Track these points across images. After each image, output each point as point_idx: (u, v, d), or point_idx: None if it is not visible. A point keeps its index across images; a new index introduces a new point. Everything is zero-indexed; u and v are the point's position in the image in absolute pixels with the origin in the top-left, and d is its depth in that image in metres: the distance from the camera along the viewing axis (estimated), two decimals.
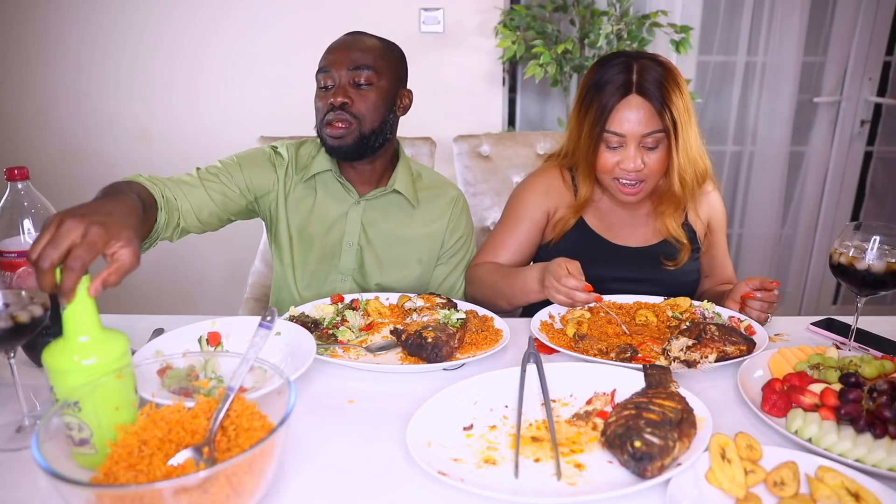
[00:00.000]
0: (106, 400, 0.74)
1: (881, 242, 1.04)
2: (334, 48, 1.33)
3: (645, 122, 1.29)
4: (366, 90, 1.30)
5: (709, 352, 1.06)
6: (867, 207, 3.15)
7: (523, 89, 2.90)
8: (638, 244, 1.47)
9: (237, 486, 0.66)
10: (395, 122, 1.40)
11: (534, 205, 1.48)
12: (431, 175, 1.55)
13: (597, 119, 1.32)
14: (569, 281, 1.17)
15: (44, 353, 0.74)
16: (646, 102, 1.29)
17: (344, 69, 1.29)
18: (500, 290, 1.37)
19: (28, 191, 1.04)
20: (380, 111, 1.32)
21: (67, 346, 0.73)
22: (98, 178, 2.85)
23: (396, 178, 1.43)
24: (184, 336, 1.11)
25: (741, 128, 2.96)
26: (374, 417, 0.94)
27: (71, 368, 0.73)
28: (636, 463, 0.76)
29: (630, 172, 1.33)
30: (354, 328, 1.21)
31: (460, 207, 1.52)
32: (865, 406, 0.87)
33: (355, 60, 1.29)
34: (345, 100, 1.28)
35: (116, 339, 0.77)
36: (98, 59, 2.70)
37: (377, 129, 1.33)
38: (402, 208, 1.46)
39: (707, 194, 1.51)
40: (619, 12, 2.46)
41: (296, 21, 2.65)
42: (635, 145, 1.31)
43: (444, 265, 1.52)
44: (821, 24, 2.84)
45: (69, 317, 0.72)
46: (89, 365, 0.73)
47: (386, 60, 1.33)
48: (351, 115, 1.29)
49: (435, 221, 1.48)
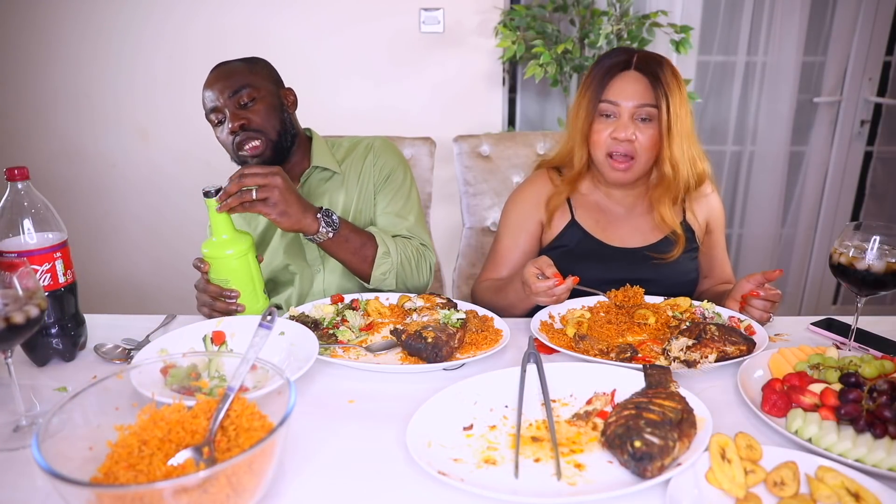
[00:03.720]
0: (239, 272, 1.22)
1: (881, 242, 1.04)
2: (209, 86, 1.39)
3: (640, 94, 1.35)
4: (253, 106, 1.38)
5: (709, 352, 1.06)
6: (867, 207, 3.15)
7: (523, 89, 2.90)
8: (634, 245, 1.47)
9: (237, 486, 0.66)
10: (293, 120, 1.48)
11: (527, 216, 1.51)
12: (349, 140, 1.60)
13: (594, 92, 1.38)
14: (539, 285, 1.21)
15: (203, 246, 1.21)
16: (642, 77, 1.35)
17: (226, 98, 1.36)
18: (501, 304, 1.39)
19: (28, 191, 1.04)
20: (274, 116, 1.40)
21: (217, 241, 1.21)
22: (98, 177, 2.87)
23: (314, 156, 1.50)
24: (189, 335, 1.12)
25: (741, 128, 2.97)
26: (374, 417, 0.94)
27: (220, 255, 1.21)
28: (636, 463, 0.76)
29: (622, 143, 1.36)
30: (354, 328, 1.21)
31: (378, 146, 1.56)
32: (865, 406, 0.87)
33: (231, 86, 1.36)
34: (241, 122, 1.36)
35: (245, 237, 1.23)
36: (98, 59, 2.70)
37: (281, 131, 1.42)
38: (333, 180, 1.52)
39: (706, 195, 1.51)
40: (619, 12, 2.46)
41: (296, 21, 2.65)
42: (629, 116, 1.36)
43: (376, 205, 1.53)
44: (821, 24, 2.84)
45: (217, 224, 1.20)
46: (230, 253, 1.21)
47: (255, 74, 1.40)
48: (254, 132, 1.37)
49: (361, 173, 1.53)
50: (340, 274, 1.51)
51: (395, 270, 1.37)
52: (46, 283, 1.06)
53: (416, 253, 1.43)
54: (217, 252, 1.21)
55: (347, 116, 2.71)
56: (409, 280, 1.42)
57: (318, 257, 1.51)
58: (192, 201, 2.83)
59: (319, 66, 2.70)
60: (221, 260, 1.21)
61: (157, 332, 1.24)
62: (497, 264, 1.52)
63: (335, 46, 2.68)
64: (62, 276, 1.08)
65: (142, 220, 2.92)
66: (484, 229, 2.00)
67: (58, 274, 1.07)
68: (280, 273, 1.52)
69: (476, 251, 2.01)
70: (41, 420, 0.79)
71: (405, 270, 1.40)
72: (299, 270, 1.51)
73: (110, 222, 2.91)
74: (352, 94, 2.74)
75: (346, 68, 2.71)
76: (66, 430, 0.72)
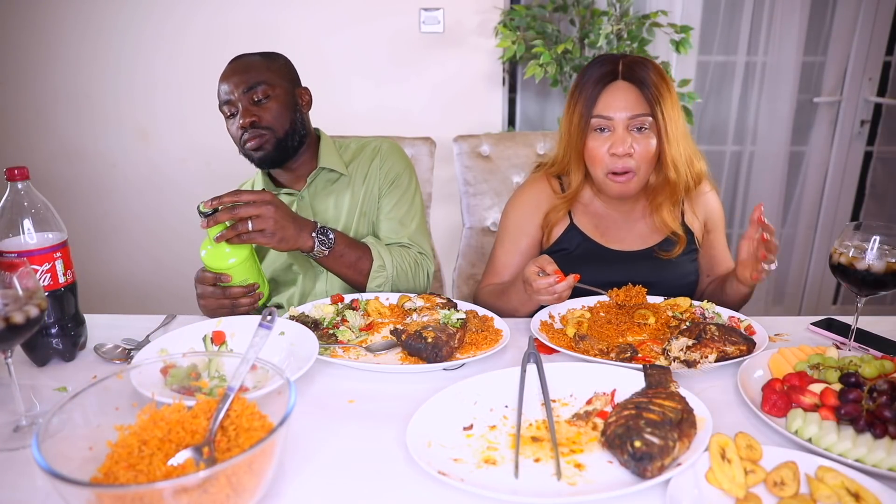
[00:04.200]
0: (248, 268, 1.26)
1: (881, 242, 1.04)
2: (225, 79, 1.39)
3: (632, 105, 1.31)
4: (266, 103, 1.38)
5: (709, 352, 1.06)
6: (867, 207, 3.15)
7: (523, 89, 2.90)
8: (634, 248, 1.46)
9: (237, 486, 0.66)
10: (305, 119, 1.48)
11: (527, 221, 1.50)
12: (357, 141, 1.60)
13: (585, 107, 1.35)
14: (540, 283, 1.19)
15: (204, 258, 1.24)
16: (631, 87, 1.32)
17: (240, 93, 1.36)
18: (504, 308, 1.39)
19: (28, 191, 1.04)
20: (286, 115, 1.40)
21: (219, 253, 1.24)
22: (98, 177, 2.86)
23: (321, 157, 1.49)
24: (189, 335, 1.12)
25: (741, 128, 2.97)
26: (374, 417, 0.94)
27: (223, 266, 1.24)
28: (636, 463, 0.76)
29: (620, 158, 1.33)
30: (354, 328, 1.21)
31: (385, 149, 1.56)
32: (865, 406, 0.87)
33: (247, 81, 1.36)
34: (252, 119, 1.36)
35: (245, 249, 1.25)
36: (98, 59, 2.70)
37: (290, 130, 1.41)
38: (340, 181, 1.51)
39: (704, 194, 1.51)
40: (619, 12, 2.46)
41: (296, 21, 2.65)
42: (623, 128, 1.32)
43: (380, 209, 1.53)
44: (821, 24, 2.84)
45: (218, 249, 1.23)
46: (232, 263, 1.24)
47: (273, 71, 1.40)
48: (263, 129, 1.38)
49: (367, 175, 1.53)
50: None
51: (391, 282, 1.39)
52: (46, 283, 1.06)
53: (414, 263, 1.44)
54: (220, 264, 1.23)
55: (347, 116, 2.71)
56: (405, 289, 1.43)
57: None
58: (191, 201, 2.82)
59: (319, 66, 2.69)
60: (234, 268, 1.24)
61: (157, 332, 1.24)
62: (498, 269, 1.52)
63: (335, 46, 2.68)
64: (62, 276, 1.08)
65: (142, 220, 2.92)
66: (484, 229, 2.00)
67: (58, 274, 1.07)
68: (283, 273, 1.52)
69: (476, 251, 2.01)
70: (41, 420, 0.79)
71: (401, 281, 1.41)
72: (303, 271, 1.51)
73: (110, 222, 2.91)
74: (352, 94, 2.74)
75: (347, 68, 2.71)
76: (66, 430, 0.72)
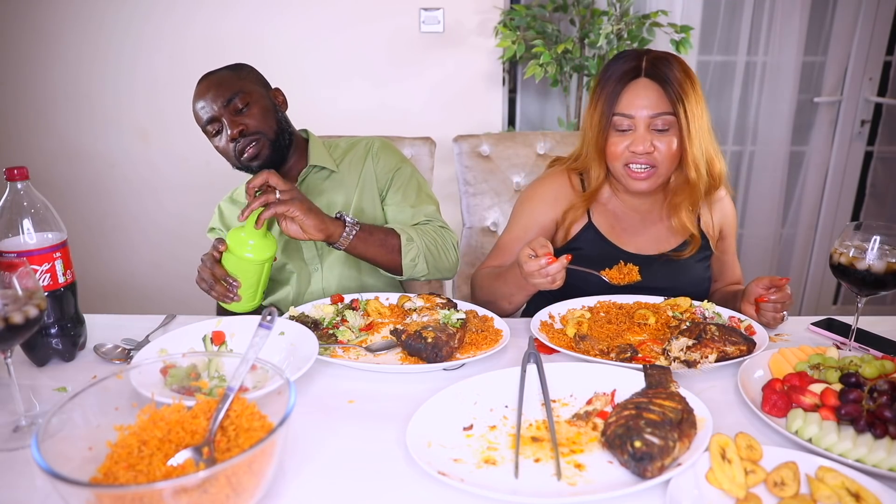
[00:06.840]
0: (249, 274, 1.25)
1: (881, 242, 1.04)
2: (200, 97, 1.40)
3: (654, 103, 1.29)
4: (248, 111, 1.40)
5: (709, 352, 1.06)
6: (867, 207, 3.15)
7: (523, 89, 2.90)
8: (648, 251, 1.45)
9: (237, 486, 0.66)
10: (286, 118, 1.50)
11: (543, 213, 1.48)
12: (346, 140, 1.61)
13: (607, 105, 1.33)
14: (531, 264, 1.17)
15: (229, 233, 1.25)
16: (654, 84, 1.30)
17: (220, 107, 1.38)
18: (500, 291, 1.37)
19: (28, 191, 1.04)
20: (270, 118, 1.43)
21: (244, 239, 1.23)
22: (98, 178, 2.86)
23: (311, 155, 1.51)
24: (189, 335, 1.12)
25: (741, 128, 2.96)
26: (374, 417, 0.94)
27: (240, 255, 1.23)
28: (636, 463, 0.76)
29: (640, 156, 1.32)
30: (354, 328, 1.21)
31: (377, 147, 1.56)
32: (866, 406, 0.86)
33: (224, 94, 1.38)
34: (240, 128, 1.38)
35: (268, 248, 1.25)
36: (98, 59, 2.69)
37: (278, 130, 1.44)
38: (331, 179, 1.53)
39: (720, 200, 1.50)
40: (619, 12, 2.46)
41: (296, 21, 2.65)
42: (645, 127, 1.31)
43: (390, 205, 1.53)
44: (821, 24, 2.84)
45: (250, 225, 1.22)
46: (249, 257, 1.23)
47: (244, 79, 1.43)
48: (253, 135, 1.40)
49: (361, 174, 1.53)
50: (338, 273, 1.51)
51: (423, 254, 1.38)
52: (46, 283, 1.06)
53: (438, 235, 1.44)
54: (238, 250, 1.23)
55: (347, 116, 2.71)
56: (439, 261, 1.42)
57: (316, 256, 1.51)
58: (192, 201, 2.83)
59: (319, 66, 2.70)
60: (240, 260, 1.23)
61: (157, 332, 1.24)
62: (503, 253, 1.49)
63: (335, 46, 2.68)
64: (62, 276, 1.08)
65: (141, 221, 2.92)
66: (484, 229, 2.00)
67: (57, 274, 1.07)
68: (277, 272, 1.53)
69: (476, 251, 2.01)
70: (41, 420, 0.79)
71: (432, 253, 1.41)
72: (297, 270, 1.51)
73: (110, 222, 2.91)
74: (352, 94, 2.74)
75: (346, 68, 2.71)
76: (65, 430, 0.72)
